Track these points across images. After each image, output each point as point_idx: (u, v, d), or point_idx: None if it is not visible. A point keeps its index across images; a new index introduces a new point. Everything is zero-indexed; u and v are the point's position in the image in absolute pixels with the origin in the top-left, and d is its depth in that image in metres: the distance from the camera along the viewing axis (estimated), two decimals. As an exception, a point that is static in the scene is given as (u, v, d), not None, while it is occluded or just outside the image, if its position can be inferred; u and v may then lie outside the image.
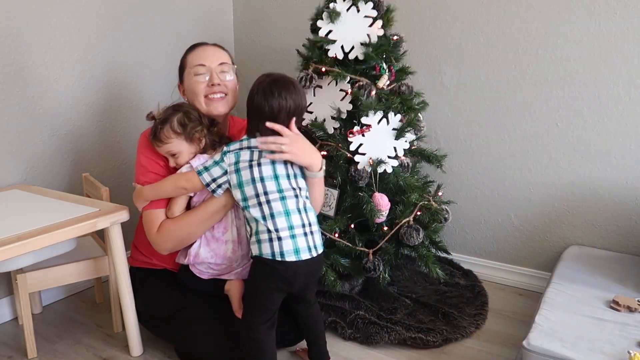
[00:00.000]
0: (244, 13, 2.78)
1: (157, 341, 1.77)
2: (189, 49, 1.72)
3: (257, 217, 1.43)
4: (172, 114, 1.58)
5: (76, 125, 2.12)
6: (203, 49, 1.70)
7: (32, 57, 1.94)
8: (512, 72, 2.10)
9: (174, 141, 1.56)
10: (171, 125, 1.55)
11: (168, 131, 1.55)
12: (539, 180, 2.13)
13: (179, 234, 1.58)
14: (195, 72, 1.64)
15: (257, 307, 1.45)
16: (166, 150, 1.58)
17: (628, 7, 1.85)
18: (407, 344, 1.75)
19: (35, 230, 1.43)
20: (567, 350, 1.33)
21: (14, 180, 1.95)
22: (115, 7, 2.20)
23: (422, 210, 1.92)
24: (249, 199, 1.45)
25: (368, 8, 1.90)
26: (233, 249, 1.61)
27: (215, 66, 1.66)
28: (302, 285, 1.47)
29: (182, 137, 1.56)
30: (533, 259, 2.21)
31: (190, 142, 1.57)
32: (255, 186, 1.44)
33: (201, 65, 1.64)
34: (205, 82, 1.64)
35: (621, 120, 1.93)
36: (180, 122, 1.56)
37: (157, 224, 1.60)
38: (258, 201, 1.43)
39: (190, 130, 1.56)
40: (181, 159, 1.58)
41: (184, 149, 1.57)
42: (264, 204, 1.43)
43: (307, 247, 1.44)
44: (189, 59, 1.69)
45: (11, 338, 1.85)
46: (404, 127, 1.89)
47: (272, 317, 1.47)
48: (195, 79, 1.64)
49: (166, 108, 1.62)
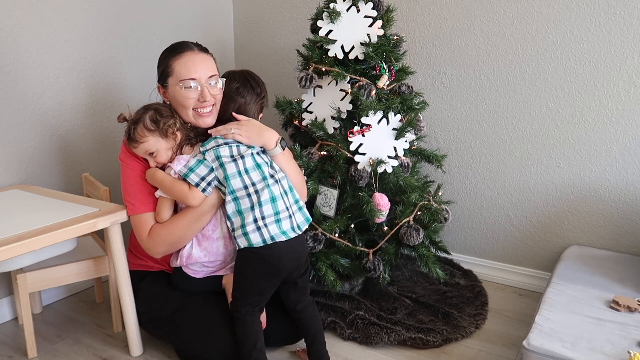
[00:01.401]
0: (244, 13, 2.78)
1: (157, 341, 1.77)
2: (172, 53, 1.61)
3: (245, 208, 1.48)
4: (144, 112, 1.58)
5: (76, 125, 2.12)
6: (191, 58, 1.58)
7: (32, 57, 1.94)
8: (512, 72, 2.10)
9: (150, 139, 1.55)
10: (144, 124, 1.55)
11: (142, 130, 1.55)
12: (539, 180, 2.13)
13: (169, 238, 1.57)
14: (185, 86, 1.56)
15: (245, 293, 1.51)
16: (143, 150, 1.57)
17: (628, 7, 1.85)
18: (407, 344, 1.75)
19: (35, 230, 1.43)
20: (567, 350, 1.33)
21: (14, 180, 1.95)
22: (115, 7, 2.20)
23: (422, 210, 1.93)
24: (236, 191, 1.49)
25: (368, 8, 1.90)
26: (225, 244, 1.62)
27: (206, 79, 1.58)
28: (290, 267, 1.52)
29: (157, 133, 1.55)
30: (533, 259, 2.21)
31: (165, 137, 1.56)
32: (243, 178, 1.50)
33: (192, 79, 1.56)
34: (196, 97, 1.57)
35: (621, 120, 1.93)
36: (152, 119, 1.56)
37: (147, 227, 1.59)
38: (247, 192, 1.49)
39: (164, 126, 1.55)
40: (159, 157, 1.57)
41: (160, 146, 1.56)
42: (252, 195, 1.49)
43: (290, 229, 1.52)
44: (176, 68, 1.58)
45: (11, 338, 1.85)
46: (404, 127, 1.89)
47: (260, 303, 1.53)
48: (184, 93, 1.57)
49: (137, 109, 1.61)
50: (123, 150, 1.65)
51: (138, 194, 1.60)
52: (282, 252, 1.48)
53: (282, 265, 1.49)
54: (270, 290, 1.53)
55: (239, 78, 1.64)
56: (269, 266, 1.48)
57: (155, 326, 1.71)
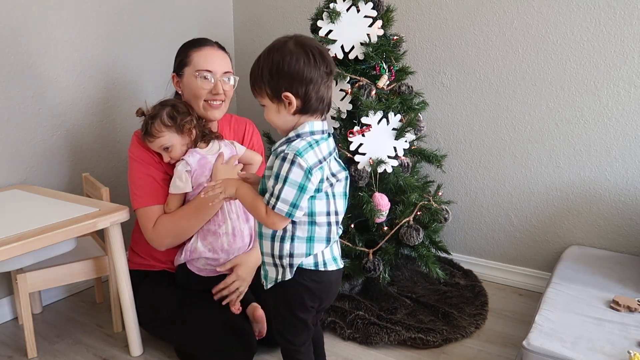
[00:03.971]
0: (244, 13, 2.78)
1: (157, 341, 1.77)
2: (194, 45, 1.70)
3: (320, 211, 1.20)
4: (161, 108, 1.61)
5: (76, 125, 2.12)
6: (211, 52, 1.69)
7: (32, 57, 1.94)
8: (512, 72, 2.10)
9: (166, 134, 1.59)
10: (161, 119, 1.59)
11: (159, 125, 1.59)
12: (539, 180, 2.13)
13: (175, 227, 1.61)
14: (200, 76, 1.65)
15: (299, 327, 1.28)
16: (158, 144, 1.61)
17: (628, 7, 1.85)
18: (407, 344, 1.75)
19: (35, 230, 1.43)
20: (567, 350, 1.33)
21: (14, 180, 1.95)
22: (115, 7, 2.20)
23: (422, 210, 1.93)
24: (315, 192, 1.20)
25: (368, 8, 1.90)
26: (229, 241, 1.62)
27: (221, 74, 1.67)
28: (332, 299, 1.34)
29: (173, 129, 1.59)
30: (533, 259, 2.21)
31: (181, 133, 1.60)
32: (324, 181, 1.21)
33: (208, 71, 1.65)
34: (209, 89, 1.66)
35: (621, 120, 1.93)
36: (169, 115, 1.60)
37: (153, 220, 1.62)
38: (325, 192, 1.22)
39: (180, 122, 1.59)
40: (174, 152, 1.61)
41: (176, 142, 1.61)
42: (330, 197, 1.23)
43: (339, 254, 1.30)
44: (195, 58, 1.67)
45: (11, 338, 1.85)
46: (404, 127, 1.89)
47: (311, 332, 1.32)
48: (199, 83, 1.65)
49: (154, 105, 1.65)
50: (134, 143, 1.69)
51: (145, 187, 1.64)
52: (334, 282, 1.29)
53: (330, 296, 1.31)
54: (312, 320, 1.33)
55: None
56: (320, 299, 1.28)
57: (155, 326, 1.71)
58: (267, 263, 1.25)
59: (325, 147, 1.19)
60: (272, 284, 1.25)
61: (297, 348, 1.29)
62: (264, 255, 1.26)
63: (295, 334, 1.28)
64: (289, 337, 1.28)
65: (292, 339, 1.28)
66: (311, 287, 1.23)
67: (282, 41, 1.17)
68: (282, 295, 1.25)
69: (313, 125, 1.18)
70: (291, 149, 1.14)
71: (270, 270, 1.25)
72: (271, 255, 1.23)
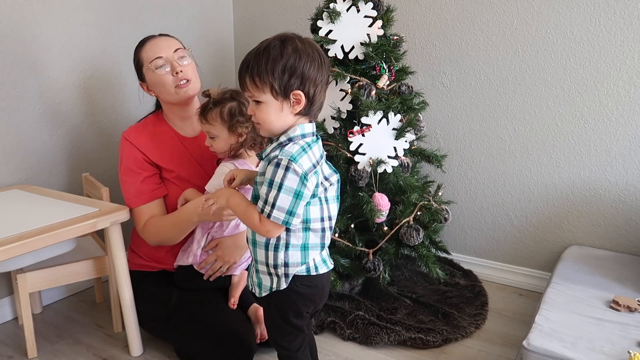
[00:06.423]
0: (244, 13, 2.78)
1: (157, 341, 1.77)
2: (138, 46, 1.72)
3: (314, 217, 1.19)
4: (228, 99, 1.58)
5: (76, 125, 2.12)
6: (154, 42, 1.70)
7: (32, 57, 1.94)
8: (512, 72, 2.10)
9: (217, 126, 1.57)
10: (221, 111, 1.56)
11: (216, 114, 1.56)
12: (539, 180, 2.13)
13: (158, 237, 1.68)
14: (155, 66, 1.65)
15: (294, 334, 1.28)
16: (206, 129, 1.60)
17: (628, 7, 1.85)
18: (407, 344, 1.75)
19: (35, 230, 1.43)
20: (567, 350, 1.33)
21: (14, 180, 1.95)
22: (116, 7, 2.20)
23: (422, 210, 1.93)
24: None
25: (368, 8, 1.90)
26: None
27: (172, 54, 1.67)
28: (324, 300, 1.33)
29: (226, 125, 1.57)
30: (533, 259, 2.21)
31: (230, 132, 1.58)
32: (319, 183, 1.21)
33: (159, 57, 1.65)
34: (169, 73, 1.66)
35: (621, 120, 1.93)
36: (230, 111, 1.56)
37: (143, 220, 1.69)
38: (319, 198, 1.20)
39: (235, 123, 1.56)
40: (217, 143, 1.60)
41: (223, 137, 1.58)
42: (324, 202, 1.21)
43: (327, 254, 1.29)
44: (143, 55, 1.68)
45: (11, 338, 1.85)
46: (404, 127, 1.89)
47: (306, 337, 1.32)
48: (157, 73, 1.66)
49: (225, 90, 1.61)
50: (123, 144, 1.73)
51: (130, 189, 1.69)
52: (326, 283, 1.29)
53: (323, 298, 1.31)
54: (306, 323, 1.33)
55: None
56: (314, 304, 1.28)
57: (155, 326, 1.71)
58: (261, 271, 1.23)
59: (317, 150, 1.18)
60: (267, 292, 1.24)
61: (294, 354, 1.28)
62: (258, 264, 1.23)
63: (290, 340, 1.27)
64: (284, 345, 1.27)
65: (288, 346, 1.27)
66: (305, 293, 1.22)
67: (290, 37, 1.13)
68: (275, 303, 1.24)
69: (304, 127, 1.16)
70: (285, 154, 1.11)
71: (265, 279, 1.23)
72: (265, 264, 1.21)
